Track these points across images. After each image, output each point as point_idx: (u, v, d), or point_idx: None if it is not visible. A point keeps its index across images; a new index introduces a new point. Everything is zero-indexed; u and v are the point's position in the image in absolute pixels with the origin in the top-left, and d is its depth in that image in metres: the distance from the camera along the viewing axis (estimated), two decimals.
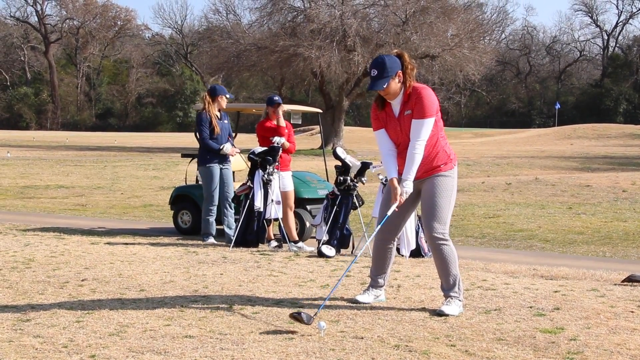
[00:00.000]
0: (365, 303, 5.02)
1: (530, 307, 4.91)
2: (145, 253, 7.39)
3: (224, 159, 8.59)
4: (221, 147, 8.47)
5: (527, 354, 3.89)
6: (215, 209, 8.62)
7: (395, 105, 4.83)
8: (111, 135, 58.80)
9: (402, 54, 4.85)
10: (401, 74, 4.75)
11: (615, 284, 5.93)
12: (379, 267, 5.11)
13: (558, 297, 5.24)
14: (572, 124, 54.44)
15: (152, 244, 8.14)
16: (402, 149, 4.83)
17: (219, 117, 8.63)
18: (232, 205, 8.72)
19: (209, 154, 8.51)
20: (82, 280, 5.85)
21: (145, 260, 6.92)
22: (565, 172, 24.55)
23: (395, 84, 4.74)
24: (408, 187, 4.76)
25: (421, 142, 4.70)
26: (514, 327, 4.39)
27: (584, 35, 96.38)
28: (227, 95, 8.71)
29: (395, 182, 4.78)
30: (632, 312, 4.80)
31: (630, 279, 6.00)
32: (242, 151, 9.46)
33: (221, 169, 8.61)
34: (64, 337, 4.17)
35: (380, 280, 5.12)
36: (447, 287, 4.85)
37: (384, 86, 4.73)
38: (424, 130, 4.70)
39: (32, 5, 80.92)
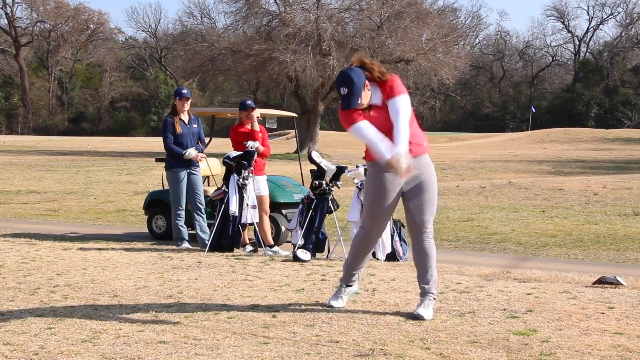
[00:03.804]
0: (340, 307, 5.01)
1: (504, 310, 4.95)
2: (118, 258, 7.32)
3: (190, 163, 8.56)
4: (184, 152, 8.45)
5: (500, 356, 3.93)
6: (183, 213, 8.61)
7: (377, 100, 4.79)
8: (84, 139, 58.22)
9: (361, 62, 4.79)
10: (368, 83, 4.74)
11: (586, 286, 6.00)
12: (356, 261, 5.05)
13: (531, 300, 5.30)
14: (545, 128, 55.04)
15: (126, 249, 8.07)
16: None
17: (185, 121, 8.60)
18: (204, 209, 8.68)
19: (173, 159, 8.51)
20: (54, 287, 5.78)
21: (119, 265, 6.86)
22: (538, 176, 24.83)
23: (366, 94, 4.72)
24: (408, 157, 4.56)
25: (403, 118, 4.65)
26: (487, 330, 4.42)
27: (556, 40, 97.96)
28: (178, 98, 8.60)
29: (397, 158, 4.53)
30: (602, 313, 4.86)
31: (601, 281, 6.08)
32: (217, 156, 9.42)
33: (189, 173, 8.58)
34: (35, 344, 4.11)
35: (355, 275, 5.08)
36: (430, 282, 4.83)
37: (358, 102, 4.70)
38: (403, 107, 4.67)
39: (1, 8, 79.88)
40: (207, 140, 9.49)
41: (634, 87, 74.27)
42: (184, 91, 8.75)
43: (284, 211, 9.40)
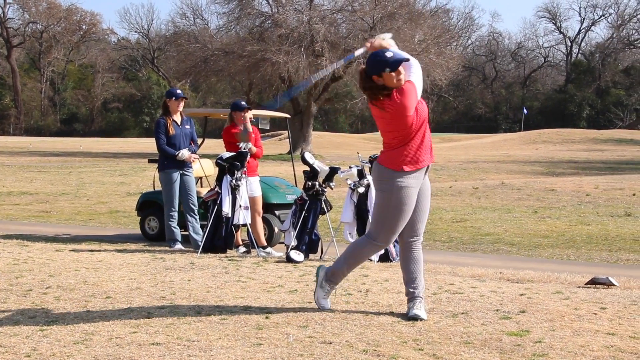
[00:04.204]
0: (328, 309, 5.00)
1: (497, 310, 4.96)
2: (111, 260, 7.30)
3: (183, 164, 8.56)
4: (177, 153, 8.44)
5: (493, 357, 3.93)
6: (176, 214, 8.59)
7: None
8: (76, 140, 58.05)
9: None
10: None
11: (579, 287, 6.02)
12: (354, 267, 5.02)
13: (524, 300, 5.30)
14: (537, 129, 55.14)
15: (119, 251, 8.04)
16: (420, 133, 4.72)
17: (178, 122, 8.59)
18: (197, 211, 8.67)
19: (166, 160, 8.50)
20: (46, 288, 5.76)
21: (112, 267, 6.84)
22: (531, 177, 24.89)
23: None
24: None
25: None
26: (480, 331, 4.43)
27: (548, 41, 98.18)
28: (174, 98, 8.60)
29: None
30: (595, 314, 4.87)
31: (594, 282, 6.10)
32: (210, 157, 9.41)
33: (182, 174, 8.57)
34: (27, 346, 4.09)
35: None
36: (419, 288, 4.85)
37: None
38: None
39: None
40: (199, 141, 9.49)
41: (625, 88, 74.59)
42: (179, 91, 8.76)
43: (277, 212, 9.39)
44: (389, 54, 4.63)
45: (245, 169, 8.10)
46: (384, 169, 4.76)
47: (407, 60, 4.66)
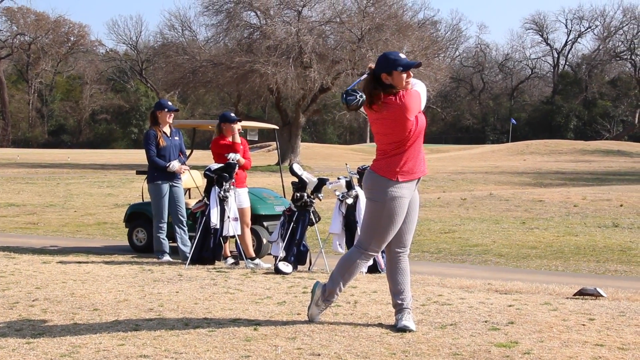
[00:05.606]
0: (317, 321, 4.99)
1: (485, 322, 4.97)
2: (99, 272, 7.26)
3: (173, 176, 8.54)
4: (168, 165, 8.42)
5: None
6: (165, 226, 8.57)
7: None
8: (64, 152, 57.74)
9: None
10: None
11: (567, 298, 6.04)
12: (349, 281, 4.93)
13: (512, 311, 5.31)
14: (524, 140, 55.49)
15: (106, 263, 8.00)
16: (417, 143, 4.70)
17: (167, 133, 8.58)
18: (185, 222, 8.65)
19: (156, 172, 8.48)
20: (33, 301, 5.71)
21: (99, 279, 6.80)
22: (519, 188, 24.99)
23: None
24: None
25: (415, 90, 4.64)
26: (469, 342, 4.43)
27: (535, 53, 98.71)
28: (166, 109, 8.60)
29: None
30: (583, 325, 4.89)
31: (582, 293, 6.12)
32: (198, 168, 9.40)
33: (171, 186, 8.55)
34: (13, 359, 4.06)
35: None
36: (407, 299, 4.84)
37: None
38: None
39: None
40: (188, 152, 9.48)
41: (612, 100, 75.22)
42: (170, 103, 8.77)
43: (265, 223, 9.39)
44: (402, 55, 4.64)
45: (233, 180, 8.10)
46: (377, 177, 4.69)
47: (419, 65, 4.66)
